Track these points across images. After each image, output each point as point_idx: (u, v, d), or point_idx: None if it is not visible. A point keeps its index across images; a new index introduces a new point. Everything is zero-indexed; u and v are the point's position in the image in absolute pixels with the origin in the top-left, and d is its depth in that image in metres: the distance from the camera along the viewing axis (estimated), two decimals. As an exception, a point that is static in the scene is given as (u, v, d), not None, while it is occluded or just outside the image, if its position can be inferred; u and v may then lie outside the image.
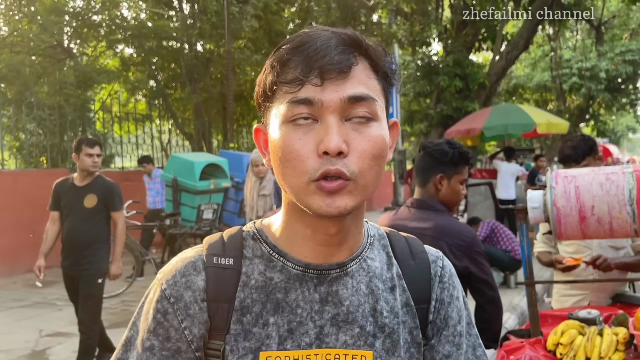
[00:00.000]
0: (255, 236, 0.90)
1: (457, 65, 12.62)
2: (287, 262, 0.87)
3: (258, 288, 0.85)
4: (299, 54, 0.80)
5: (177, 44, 14.38)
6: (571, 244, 3.04)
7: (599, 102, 26.50)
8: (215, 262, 0.86)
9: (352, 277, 0.88)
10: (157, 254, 8.07)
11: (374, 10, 14.88)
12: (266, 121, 0.85)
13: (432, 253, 0.99)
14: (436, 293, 0.95)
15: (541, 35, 20.76)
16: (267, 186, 5.47)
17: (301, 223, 0.85)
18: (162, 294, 0.85)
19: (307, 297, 0.86)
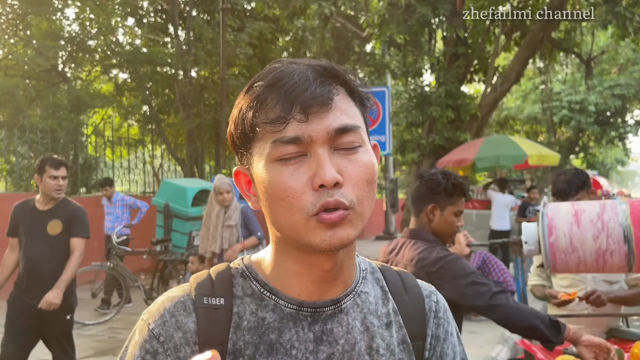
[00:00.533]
0: (245, 273, 0.86)
1: (449, 96, 12.74)
2: (280, 300, 0.83)
3: (250, 329, 0.82)
4: (277, 90, 0.77)
5: (171, 70, 14.49)
6: (565, 278, 3.03)
7: (589, 135, 26.85)
8: (205, 302, 0.82)
9: (346, 314, 0.85)
10: (146, 280, 7.98)
11: (367, 41, 15.08)
12: (248, 162, 0.83)
13: (425, 287, 0.97)
14: (431, 329, 0.93)
15: (532, 68, 21.09)
16: (232, 216, 5.04)
17: (293, 261, 0.83)
18: (151, 333, 0.81)
19: (301, 336, 0.82)
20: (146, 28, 15.27)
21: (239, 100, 0.82)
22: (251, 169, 0.82)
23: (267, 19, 15.63)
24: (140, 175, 12.09)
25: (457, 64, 13.49)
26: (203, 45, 13.67)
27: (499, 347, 5.85)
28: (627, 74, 24.77)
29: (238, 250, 4.96)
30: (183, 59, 13.34)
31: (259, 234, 5.13)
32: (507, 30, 13.79)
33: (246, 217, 5.12)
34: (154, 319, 0.82)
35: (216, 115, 14.44)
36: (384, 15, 11.90)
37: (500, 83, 13.16)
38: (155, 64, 13.76)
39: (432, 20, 12.31)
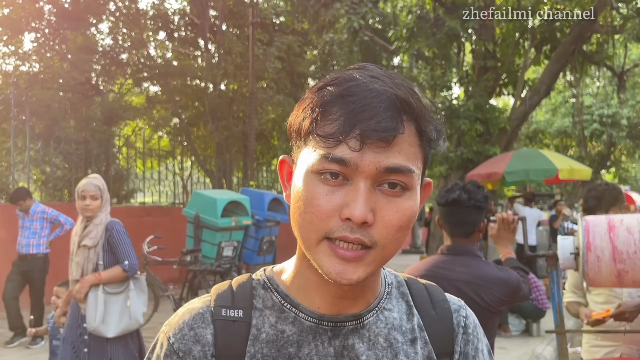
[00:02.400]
0: (266, 285, 0.85)
1: (478, 109, 12.65)
2: (300, 313, 0.82)
3: (269, 342, 0.80)
4: (344, 105, 0.74)
5: (201, 83, 14.70)
6: (600, 294, 2.98)
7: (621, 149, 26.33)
8: (224, 314, 0.82)
9: (369, 330, 0.83)
10: (175, 289, 8.06)
11: (395, 54, 15.09)
12: (294, 157, 0.81)
13: (454, 302, 0.93)
14: (460, 346, 0.89)
15: (562, 82, 20.84)
16: (92, 233, 3.61)
17: (313, 271, 0.79)
18: (170, 347, 0.81)
19: (320, 351, 0.81)
20: (177, 42, 15.55)
21: (308, 94, 0.78)
22: (294, 165, 0.80)
23: (295, 32, 15.78)
24: (169, 186, 12.26)
25: (486, 77, 13.41)
26: (232, 59, 13.85)
27: (530, 364, 5.75)
28: (660, 88, 24.28)
29: (89, 284, 3.56)
30: (213, 72, 13.53)
31: (126, 264, 3.66)
32: (537, 43, 13.67)
33: (111, 237, 3.66)
34: (173, 332, 0.82)
35: (244, 127, 14.58)
36: (412, 29, 11.92)
37: (530, 96, 13.03)
38: (186, 77, 13.99)
39: (461, 34, 12.27)
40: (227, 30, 15.10)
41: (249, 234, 8.55)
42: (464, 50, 15.23)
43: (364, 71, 0.78)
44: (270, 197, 9.22)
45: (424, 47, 12.21)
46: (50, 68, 12.11)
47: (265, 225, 8.89)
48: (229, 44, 13.85)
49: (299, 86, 17.17)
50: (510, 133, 13.38)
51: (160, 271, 7.59)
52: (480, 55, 13.57)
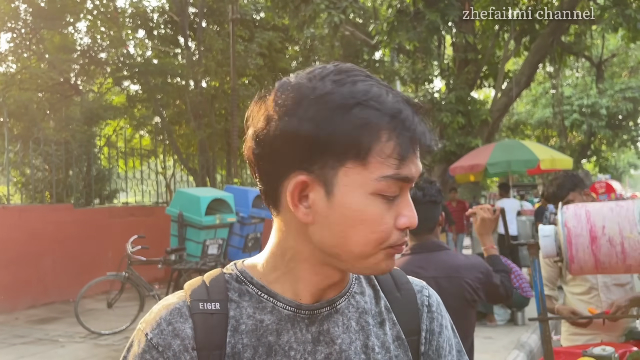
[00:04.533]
0: (240, 278, 0.86)
1: (460, 102, 12.73)
2: (278, 302, 0.84)
3: (249, 332, 0.82)
4: (398, 125, 0.75)
5: (182, 81, 14.60)
6: (577, 285, 3.02)
7: (600, 138, 26.67)
8: (201, 307, 0.82)
9: (342, 314, 0.87)
10: (161, 289, 8.02)
11: (376, 48, 15.12)
12: (323, 175, 0.76)
13: (416, 283, 0.98)
14: (425, 324, 0.94)
15: (542, 73, 21.04)
16: None
17: (312, 272, 0.83)
18: (149, 343, 0.81)
19: (299, 338, 0.83)
20: (157, 40, 15.42)
21: (341, 110, 0.75)
22: (331, 185, 0.77)
23: (276, 28, 15.73)
24: (152, 185, 12.17)
25: (466, 70, 13.48)
26: (213, 56, 13.77)
27: (515, 352, 5.81)
28: (638, 77, 24.63)
29: None
30: (194, 69, 13.44)
31: None
32: (516, 34, 13.77)
33: None
34: (151, 328, 0.82)
35: (227, 125, 14.52)
36: (392, 23, 11.94)
37: (511, 88, 13.13)
38: (166, 75, 13.88)
39: (441, 27, 12.31)
40: (207, 27, 14.99)
41: (233, 231, 8.53)
42: (444, 43, 15.30)
43: (373, 81, 0.80)
44: (254, 194, 9.19)
45: (404, 40, 12.23)
46: (28, 68, 11.93)
47: (250, 222, 8.87)
48: (210, 41, 13.76)
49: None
50: (492, 125, 13.48)
51: (145, 271, 7.55)
52: (460, 47, 13.64)
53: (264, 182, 0.83)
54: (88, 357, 5.94)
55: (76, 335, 6.74)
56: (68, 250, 8.87)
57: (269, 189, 0.82)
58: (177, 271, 6.80)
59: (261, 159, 0.80)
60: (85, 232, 9.25)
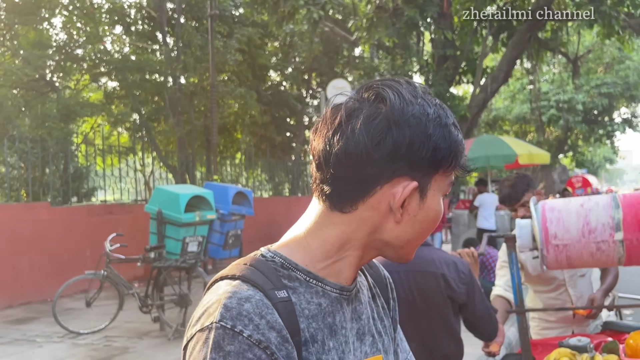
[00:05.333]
0: (285, 265, 0.89)
1: (439, 97, 12.72)
2: (326, 286, 0.89)
3: (314, 316, 0.87)
4: (459, 133, 0.91)
5: (160, 77, 14.44)
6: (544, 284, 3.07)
7: (577, 133, 27.07)
8: (278, 296, 0.83)
9: (360, 293, 0.97)
10: (140, 287, 7.95)
11: (356, 45, 15.15)
12: (424, 184, 0.88)
13: (374, 261, 1.09)
14: (391, 293, 1.08)
15: (519, 69, 21.26)
16: None
17: (361, 258, 0.92)
18: (248, 341, 0.77)
19: (346, 317, 0.91)
20: (134, 36, 15.22)
21: (440, 128, 0.87)
22: (425, 190, 0.89)
23: (255, 24, 15.65)
24: (131, 183, 12.03)
25: (445, 66, 13.58)
26: (192, 52, 13.66)
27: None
28: (613, 73, 25.05)
29: None
30: (172, 66, 13.31)
31: None
32: (494, 31, 13.89)
33: None
34: (242, 324, 0.78)
35: (206, 121, 14.42)
36: (371, 19, 11.97)
37: (489, 84, 13.26)
38: (144, 71, 13.70)
39: (420, 23, 12.37)
40: (185, 23, 14.85)
41: (213, 228, 8.47)
42: (423, 40, 15.38)
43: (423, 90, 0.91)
44: (234, 191, 9.14)
45: (384, 37, 12.28)
46: (2, 65, 11.70)
47: (230, 219, 8.82)
48: (188, 37, 13.63)
49: (260, 78, 17.05)
50: (471, 120, 13.60)
51: (125, 269, 7.47)
52: (439, 44, 13.73)
53: (348, 183, 0.86)
54: (66, 357, 5.87)
55: (54, 335, 6.65)
56: (45, 249, 8.74)
57: (354, 189, 0.87)
58: (157, 269, 6.74)
59: (355, 162, 0.85)
60: (63, 231, 9.12)
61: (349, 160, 0.84)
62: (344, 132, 0.85)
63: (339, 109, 0.87)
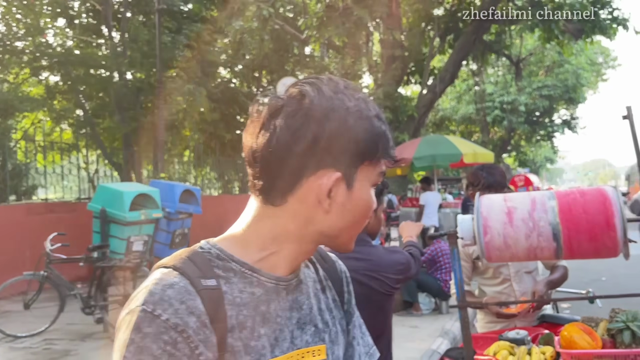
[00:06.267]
0: (220, 256, 0.92)
1: (387, 97, 12.99)
2: (261, 277, 0.92)
3: (246, 304, 0.90)
4: (386, 126, 0.95)
5: (106, 72, 14.04)
6: (491, 277, 3.16)
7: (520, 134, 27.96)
8: (204, 284, 0.87)
9: (304, 284, 1.00)
10: (83, 288, 7.71)
11: (306, 43, 15.16)
12: (349, 174, 0.92)
13: (332, 255, 1.15)
14: (345, 287, 1.12)
15: (465, 70, 21.79)
16: None
17: (298, 250, 0.95)
18: (165, 324, 0.81)
19: (282, 306, 0.94)
20: (78, 29, 14.73)
21: (356, 119, 0.90)
22: (352, 182, 0.92)
23: (204, 20, 15.42)
24: (74, 181, 11.66)
25: (394, 66, 13.76)
26: (139, 47, 13.33)
27: (439, 339, 6.01)
28: (553, 76, 25.99)
29: None
30: (118, 60, 12.96)
31: None
32: (441, 33, 14.18)
33: None
34: (162, 308, 0.82)
35: (153, 118, 14.10)
36: (321, 18, 12.01)
37: (436, 84, 13.53)
38: (89, 66, 13.30)
39: (369, 23, 12.49)
40: (132, 17, 14.48)
41: (160, 227, 8.31)
42: (372, 40, 15.54)
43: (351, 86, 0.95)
44: (181, 189, 8.98)
45: (334, 36, 12.33)
46: None
47: (177, 217, 8.67)
48: (135, 32, 13.30)
49: (209, 75, 16.82)
50: (418, 120, 13.84)
51: (67, 269, 7.22)
52: (388, 44, 13.90)
53: (275, 177, 0.91)
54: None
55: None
56: (-19, 250, 8.37)
57: (282, 183, 0.91)
58: (100, 269, 6.56)
59: (279, 157, 0.89)
60: (0, 230, 8.75)
61: (273, 155, 0.89)
62: (268, 128, 0.90)
63: (263, 108, 0.92)
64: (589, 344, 2.24)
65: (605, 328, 2.35)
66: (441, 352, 5.18)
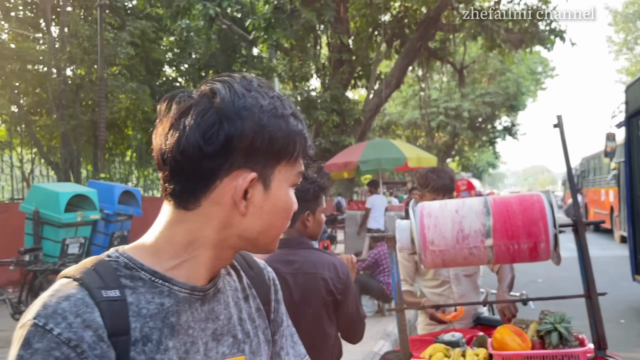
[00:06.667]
0: (129, 265, 0.87)
1: (335, 101, 13.04)
2: (173, 286, 0.88)
3: (152, 316, 0.85)
4: (303, 126, 0.93)
5: (43, 67, 13.51)
6: (431, 279, 3.20)
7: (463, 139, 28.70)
8: (104, 295, 0.82)
9: (222, 293, 0.97)
10: (13, 293, 7.37)
11: (254, 44, 15.04)
12: (267, 174, 0.89)
13: (260, 262, 1.12)
14: (273, 295, 1.09)
15: (411, 76, 22.18)
16: None
17: (214, 257, 0.91)
18: (57, 339, 0.76)
19: (195, 317, 0.90)
20: (14, 22, 14.13)
21: (271, 118, 0.88)
22: (269, 183, 0.90)
23: (150, 17, 15.09)
24: (7, 180, 11.16)
25: (341, 70, 13.84)
26: (79, 43, 12.89)
27: (381, 342, 6.06)
28: (495, 83, 26.84)
29: None
30: (56, 56, 12.49)
31: None
32: (388, 38, 14.37)
33: None
34: (55, 322, 0.77)
35: (94, 116, 13.67)
36: (269, 19, 11.93)
37: (382, 89, 13.68)
38: (25, 61, 12.77)
39: (317, 26, 12.52)
40: (72, 11, 14.00)
41: (97, 229, 8.04)
42: (320, 43, 15.59)
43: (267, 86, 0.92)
44: (120, 190, 8.71)
45: (281, 38, 12.28)
46: None
47: (115, 219, 8.41)
48: (75, 27, 12.86)
49: (154, 73, 16.46)
50: (365, 124, 13.96)
51: (-4, 274, 6.90)
52: (336, 48, 13.97)
53: (187, 180, 0.87)
54: None
55: None
56: None
57: (195, 186, 0.87)
58: (32, 273, 6.28)
59: (189, 158, 0.84)
60: None
61: (183, 156, 0.85)
62: (177, 128, 0.85)
63: (172, 106, 0.88)
64: (519, 346, 2.28)
65: (535, 329, 2.40)
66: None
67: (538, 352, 2.25)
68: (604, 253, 13.36)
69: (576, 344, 2.29)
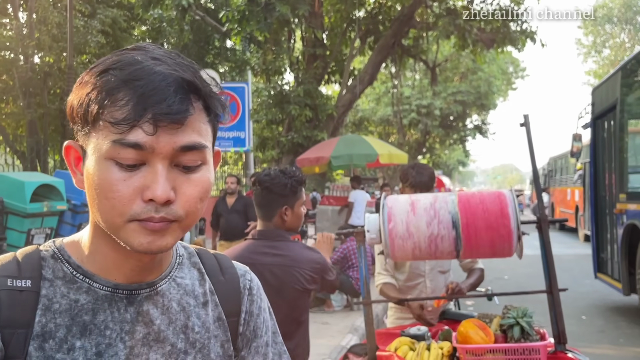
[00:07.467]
0: (56, 255, 0.84)
1: (308, 95, 13.04)
2: (94, 283, 0.83)
3: (62, 312, 0.81)
4: (132, 89, 0.75)
5: (10, 54, 13.18)
6: (404, 272, 3.23)
7: (434, 137, 29.00)
8: (9, 284, 0.79)
9: (162, 296, 0.88)
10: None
11: (227, 36, 14.92)
12: (84, 142, 0.80)
13: (239, 267, 1.03)
14: (246, 306, 0.99)
15: (385, 73, 22.30)
16: None
17: (111, 248, 0.83)
18: None
19: (116, 317, 0.83)
20: (-20, 6, 13.75)
21: (90, 77, 0.78)
22: (86, 151, 0.80)
23: (121, 6, 14.83)
24: (-30, 169, 10.88)
25: (315, 65, 13.84)
26: (48, 30, 12.61)
27: (349, 336, 6.10)
28: (467, 82, 27.17)
29: None
30: (24, 42, 12.20)
31: None
32: (362, 34, 14.41)
33: None
34: None
35: (62, 105, 13.39)
36: (243, 12, 11.86)
37: (356, 85, 13.73)
38: (-9, 46, 12.47)
39: (291, 20, 12.49)
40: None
41: (64, 220, 7.89)
42: (294, 37, 15.55)
43: (146, 53, 0.80)
44: (89, 180, 8.58)
45: (255, 30, 12.21)
46: None
47: (83, 210, 8.27)
48: (43, 13, 12.57)
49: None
50: (337, 119, 14.00)
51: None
52: (310, 42, 13.96)
53: None
54: None
55: None
56: None
57: None
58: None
59: None
60: None
61: None
62: None
63: None
64: (482, 339, 2.33)
65: (498, 324, 2.46)
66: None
67: (500, 346, 2.30)
68: (568, 251, 13.69)
69: (537, 338, 2.35)
